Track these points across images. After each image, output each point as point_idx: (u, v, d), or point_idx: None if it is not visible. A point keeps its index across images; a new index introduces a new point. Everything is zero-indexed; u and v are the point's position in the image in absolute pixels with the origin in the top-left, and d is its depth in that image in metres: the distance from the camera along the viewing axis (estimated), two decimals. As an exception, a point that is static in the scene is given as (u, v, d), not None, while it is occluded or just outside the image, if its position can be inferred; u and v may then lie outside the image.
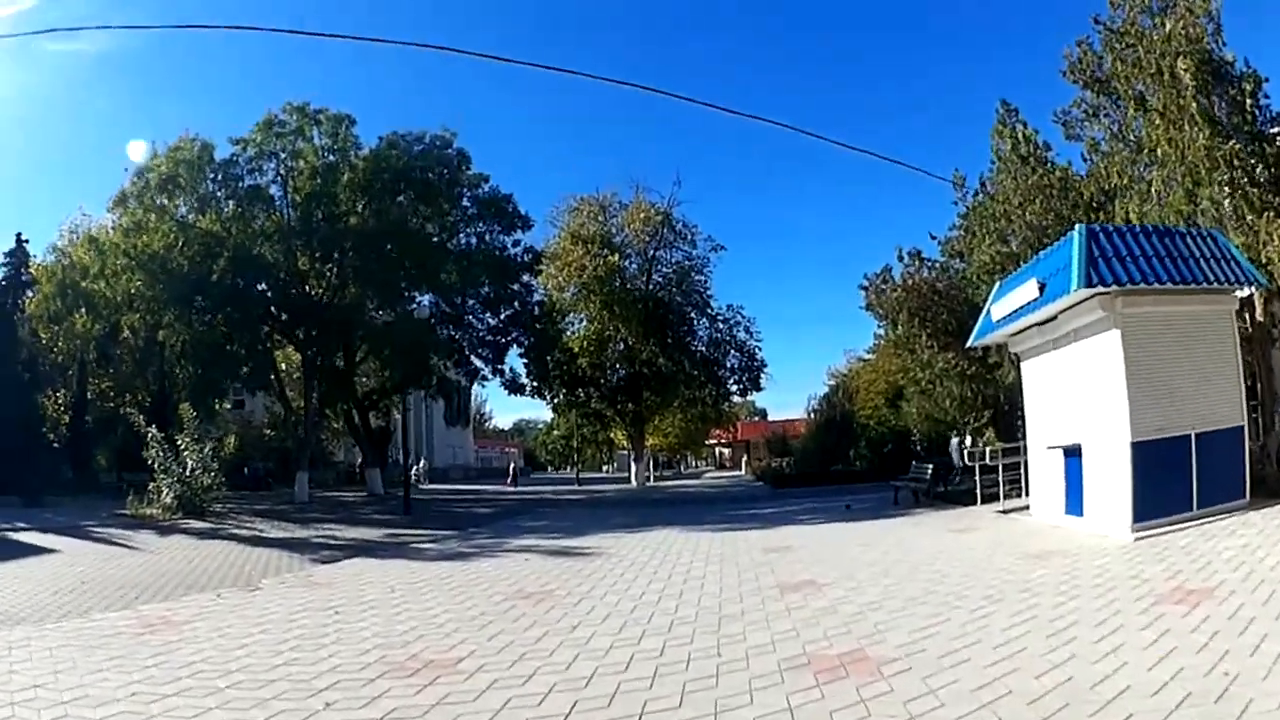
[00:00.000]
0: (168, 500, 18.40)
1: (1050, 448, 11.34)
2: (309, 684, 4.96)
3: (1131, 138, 14.60)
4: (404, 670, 5.24)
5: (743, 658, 5.29)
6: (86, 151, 65.78)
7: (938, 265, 19.59)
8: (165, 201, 25.42)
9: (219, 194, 26.24)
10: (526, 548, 12.49)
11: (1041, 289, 10.48)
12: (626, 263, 38.81)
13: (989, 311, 12.39)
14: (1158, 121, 13.21)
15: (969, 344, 13.65)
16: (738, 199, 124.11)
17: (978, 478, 14.67)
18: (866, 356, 52.26)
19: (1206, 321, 10.33)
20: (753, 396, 54.94)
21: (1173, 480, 9.73)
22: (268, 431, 40.49)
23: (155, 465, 18.81)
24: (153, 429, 19.14)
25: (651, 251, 39.40)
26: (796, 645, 5.54)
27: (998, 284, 13.07)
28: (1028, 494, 14.10)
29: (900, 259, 20.43)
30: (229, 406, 42.61)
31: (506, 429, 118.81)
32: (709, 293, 40.73)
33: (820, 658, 5.20)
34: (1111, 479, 9.80)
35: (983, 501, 14.50)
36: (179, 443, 19.16)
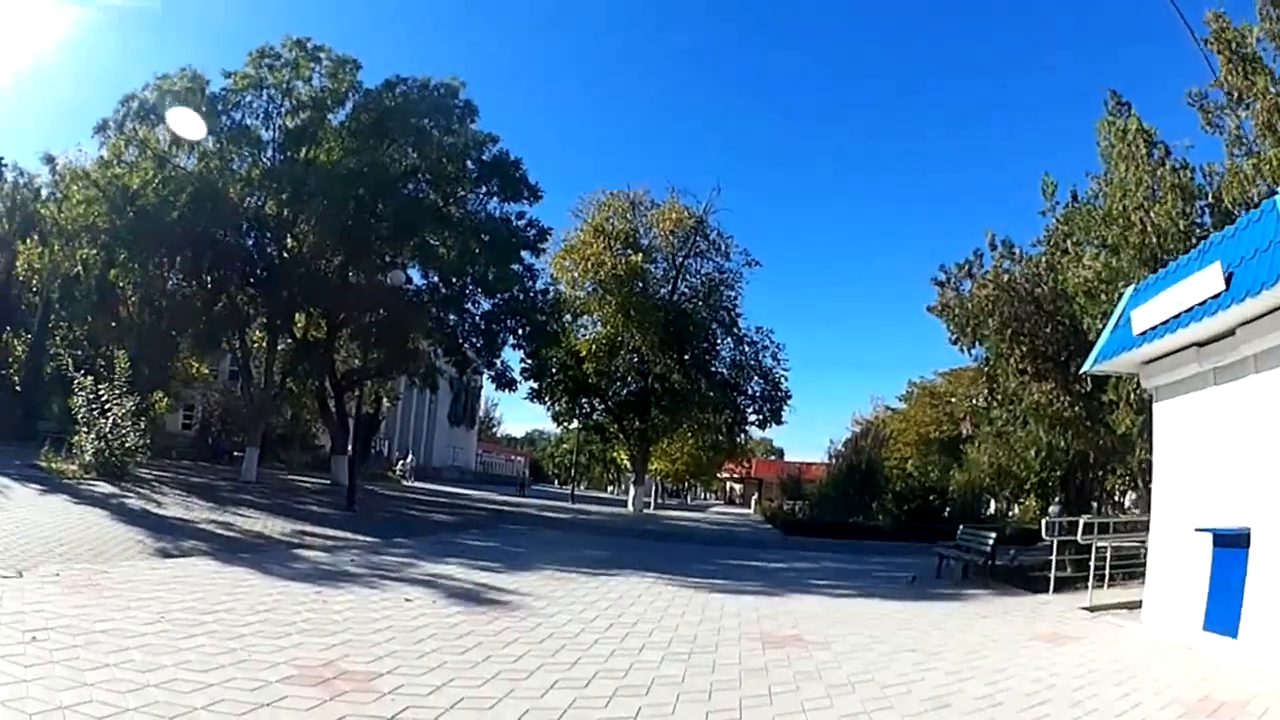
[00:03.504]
0: (87, 458, 16.26)
1: (1198, 530, 7.50)
2: None
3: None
4: None
5: None
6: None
7: (1040, 265, 14.31)
8: (144, 132, 22.86)
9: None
10: (435, 577, 9.40)
11: (1228, 281, 6.72)
12: (651, 266, 35.27)
13: (1126, 320, 8.45)
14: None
15: (1085, 368, 9.54)
16: (770, 221, 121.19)
17: (1054, 556, 10.89)
18: (897, 405, 48.77)
19: None
20: (771, 432, 51.08)
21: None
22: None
23: (79, 418, 16.83)
24: (81, 376, 17.10)
25: (680, 258, 35.80)
26: None
27: (1131, 288, 9.20)
28: (1108, 584, 10.43)
29: (992, 246, 15.26)
30: (206, 371, 39.64)
31: (518, 437, 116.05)
32: (737, 310, 36.96)
33: None
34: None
35: (1055, 589, 10.76)
36: (101, 393, 16.88)
